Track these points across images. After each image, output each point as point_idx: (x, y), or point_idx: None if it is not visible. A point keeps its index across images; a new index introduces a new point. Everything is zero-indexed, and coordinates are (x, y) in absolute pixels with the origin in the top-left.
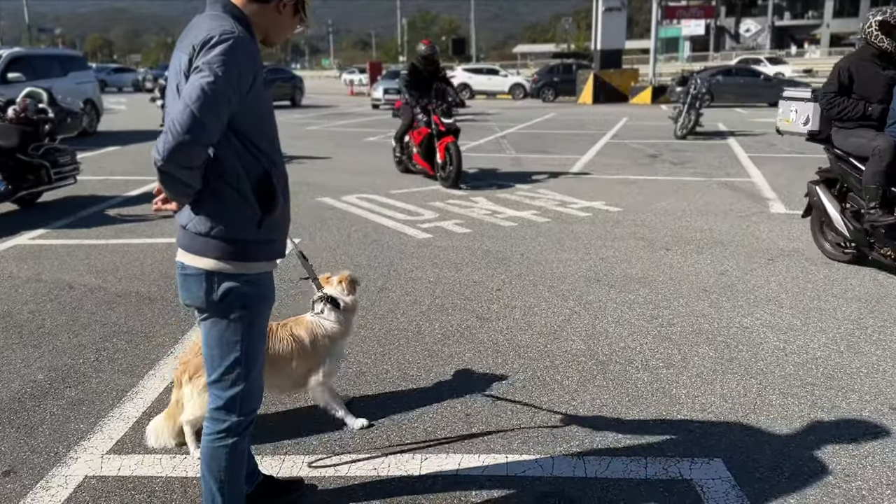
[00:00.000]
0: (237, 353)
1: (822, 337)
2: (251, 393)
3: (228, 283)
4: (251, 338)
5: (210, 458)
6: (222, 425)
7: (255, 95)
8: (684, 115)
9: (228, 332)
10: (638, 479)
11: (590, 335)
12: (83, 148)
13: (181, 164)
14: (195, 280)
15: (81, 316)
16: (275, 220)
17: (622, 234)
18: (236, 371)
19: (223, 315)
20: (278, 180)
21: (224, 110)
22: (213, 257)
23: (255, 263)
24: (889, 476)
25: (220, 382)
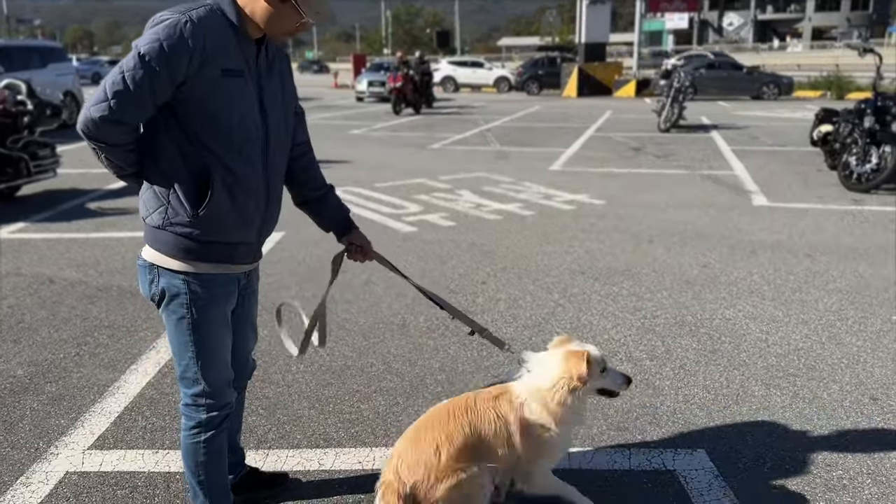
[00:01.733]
0: (190, 353)
1: (804, 328)
2: (216, 390)
3: (169, 277)
4: (202, 337)
5: (186, 454)
6: (193, 421)
7: (205, 86)
8: (668, 108)
9: (177, 331)
10: (622, 471)
11: (574, 327)
12: (63, 141)
13: (95, 137)
14: (143, 271)
15: (62, 310)
16: (214, 221)
17: (606, 227)
18: (193, 370)
19: (166, 313)
20: (223, 181)
21: (145, 95)
22: (154, 248)
23: (198, 263)
24: (869, 465)
25: (183, 380)
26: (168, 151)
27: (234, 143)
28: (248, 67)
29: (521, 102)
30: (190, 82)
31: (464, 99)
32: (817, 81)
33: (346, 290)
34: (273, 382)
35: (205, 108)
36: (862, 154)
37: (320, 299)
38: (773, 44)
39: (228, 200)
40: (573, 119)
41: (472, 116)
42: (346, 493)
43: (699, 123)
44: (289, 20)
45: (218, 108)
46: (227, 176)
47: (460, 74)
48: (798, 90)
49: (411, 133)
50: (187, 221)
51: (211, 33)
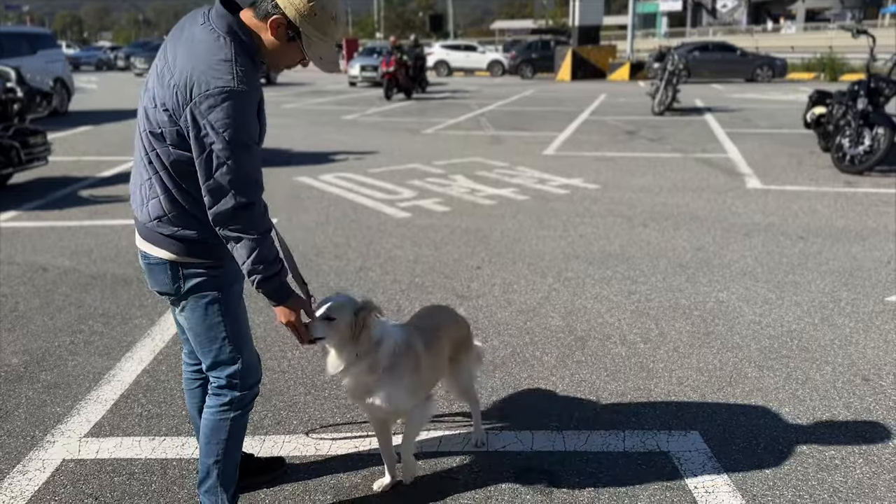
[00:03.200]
0: (223, 334)
1: (797, 310)
2: (249, 367)
3: (193, 271)
4: (232, 315)
5: (211, 431)
6: (225, 398)
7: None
8: (661, 91)
9: (208, 315)
10: (616, 453)
11: (568, 311)
12: (54, 128)
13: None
14: (160, 269)
15: (56, 298)
16: None
17: (600, 211)
18: (227, 350)
19: (196, 301)
20: None
21: (249, 160)
22: (175, 252)
23: (221, 259)
24: (861, 445)
25: (217, 365)
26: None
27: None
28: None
29: (515, 86)
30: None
31: (457, 83)
32: (811, 63)
33: (342, 275)
34: (269, 369)
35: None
36: (855, 136)
37: None
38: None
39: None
40: (567, 103)
41: (466, 101)
42: (343, 476)
43: (693, 106)
44: (291, 57)
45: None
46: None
47: (453, 58)
48: (792, 72)
49: (404, 118)
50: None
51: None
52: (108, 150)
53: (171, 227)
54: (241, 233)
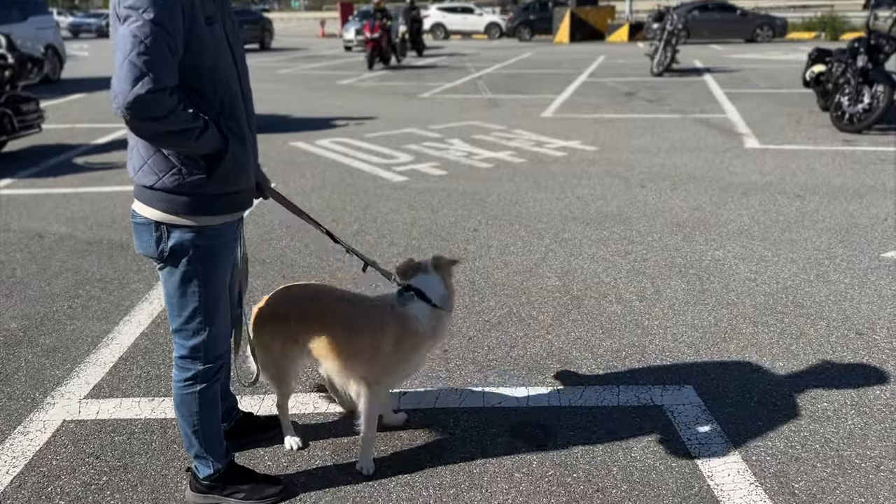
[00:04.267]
0: (195, 304)
1: (793, 267)
2: (215, 341)
3: (179, 234)
4: (209, 288)
5: (181, 405)
6: (188, 373)
7: (197, 37)
8: (660, 52)
9: (185, 282)
10: (610, 407)
11: (565, 271)
12: (47, 96)
13: (150, 116)
14: (145, 229)
15: (53, 264)
16: (229, 171)
17: (598, 173)
18: (196, 320)
19: (177, 265)
20: (229, 129)
21: (166, 51)
22: (160, 209)
23: (209, 217)
24: (853, 396)
25: (182, 332)
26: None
27: (229, 89)
28: (217, 11)
29: (513, 49)
30: (187, 36)
31: (454, 46)
32: (811, 22)
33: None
34: None
35: (202, 61)
36: (854, 94)
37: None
38: None
39: (242, 147)
40: (565, 65)
41: (463, 64)
42: (341, 435)
43: (692, 67)
44: None
45: (212, 58)
46: (232, 125)
47: (450, 21)
48: (792, 31)
49: (401, 82)
50: (204, 179)
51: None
52: (102, 117)
53: (151, 175)
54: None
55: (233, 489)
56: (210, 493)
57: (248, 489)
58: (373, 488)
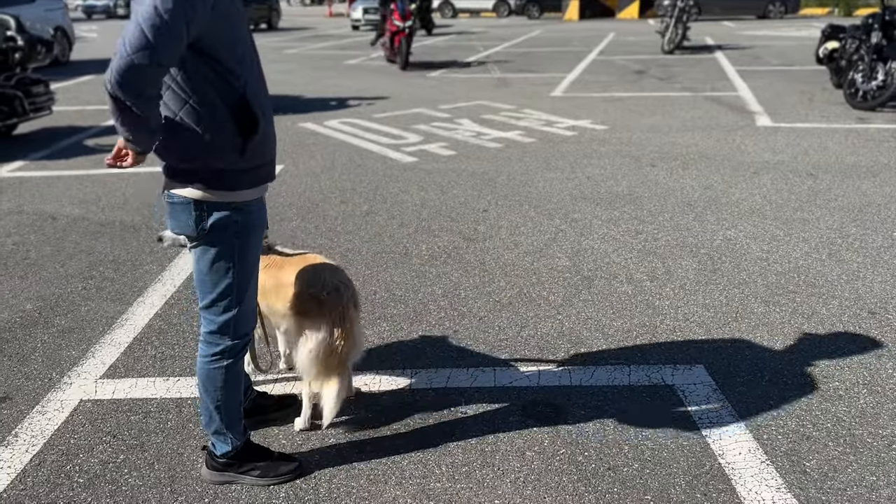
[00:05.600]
0: (229, 280)
1: (805, 246)
2: (244, 317)
3: (217, 212)
4: (243, 264)
5: (206, 380)
6: (216, 348)
7: (221, 9)
8: (671, 29)
9: (219, 259)
10: (621, 386)
11: (575, 252)
12: (57, 78)
13: (132, 88)
14: (183, 209)
15: (66, 246)
16: (258, 144)
17: (608, 152)
18: (228, 297)
19: (213, 243)
20: (257, 103)
21: (182, 30)
22: (198, 187)
23: (243, 191)
24: (865, 376)
25: (212, 308)
26: (201, 91)
27: (248, 62)
28: None
29: (522, 27)
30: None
31: (462, 24)
32: None
33: (349, 220)
34: None
35: (226, 34)
36: (868, 71)
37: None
38: None
39: (265, 120)
40: (575, 43)
41: (471, 43)
42: (354, 414)
43: (703, 44)
44: None
45: (235, 31)
46: (255, 98)
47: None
48: (805, 7)
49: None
50: (237, 155)
51: None
52: None
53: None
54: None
55: (249, 467)
56: (226, 470)
57: (264, 467)
58: (386, 466)
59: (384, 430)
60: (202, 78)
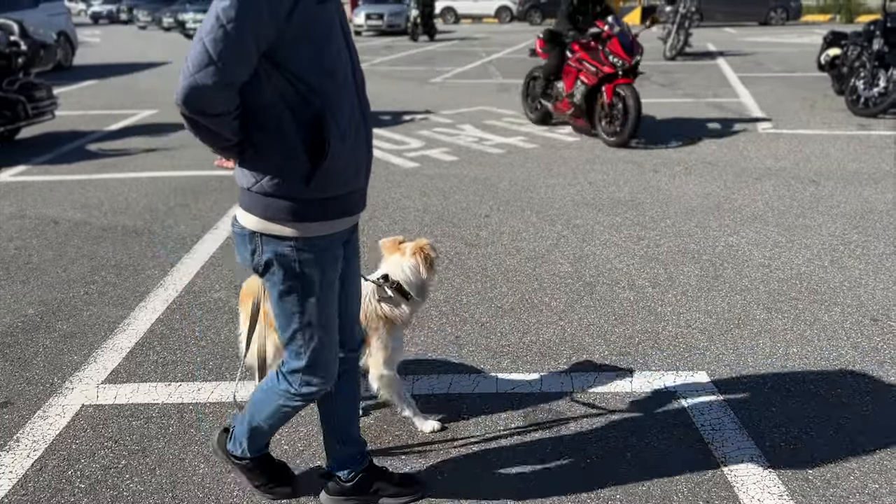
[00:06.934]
0: (296, 325)
1: (807, 253)
2: (319, 366)
3: (274, 247)
4: (310, 307)
5: (261, 403)
6: (285, 385)
7: (303, 16)
8: (673, 35)
9: (283, 301)
10: (624, 393)
11: (577, 258)
12: (59, 82)
13: (199, 109)
14: (241, 240)
15: (68, 251)
16: (329, 172)
17: (610, 158)
18: (297, 342)
19: (272, 283)
20: (336, 125)
21: (250, 44)
22: (257, 215)
23: (308, 225)
24: (867, 383)
25: (287, 349)
26: (273, 108)
27: (338, 77)
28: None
29: (524, 33)
30: (290, 17)
31: (465, 30)
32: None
33: None
34: None
35: (307, 45)
36: (870, 77)
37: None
38: None
39: (343, 146)
40: None
41: (474, 48)
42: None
43: (705, 50)
44: None
45: (320, 42)
46: (338, 118)
47: (461, 5)
48: (806, 14)
49: (412, 67)
50: (304, 182)
51: None
52: (115, 103)
53: (250, 177)
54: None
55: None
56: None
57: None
58: None
59: (385, 436)
60: (275, 91)
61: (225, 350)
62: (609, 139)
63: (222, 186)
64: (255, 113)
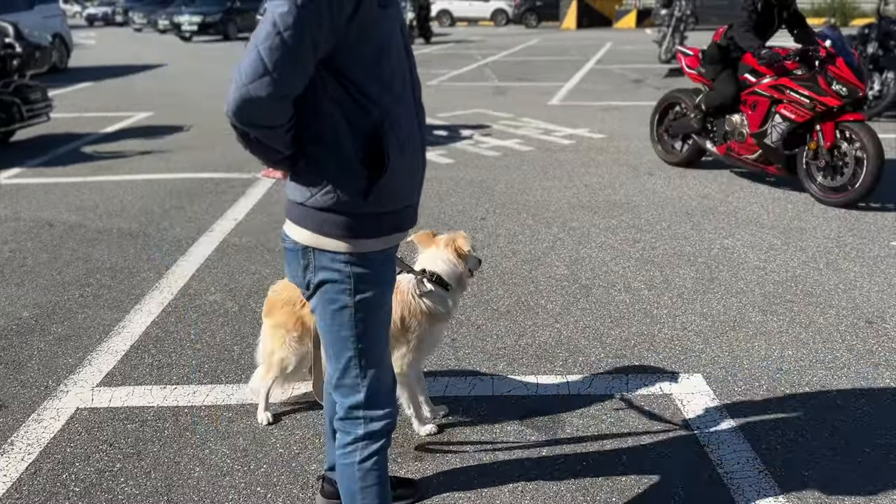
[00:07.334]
0: (350, 352)
1: (802, 255)
2: (376, 396)
3: (328, 262)
4: (364, 329)
5: (341, 477)
6: (349, 437)
7: (364, 20)
8: (668, 38)
9: (336, 324)
10: (619, 395)
11: (573, 260)
12: (54, 85)
13: (252, 122)
14: (292, 255)
15: (63, 253)
16: (387, 187)
17: (606, 161)
18: (353, 373)
19: (324, 301)
20: (395, 136)
21: (308, 53)
22: (311, 229)
23: (363, 241)
24: (862, 385)
25: (340, 388)
26: (329, 117)
27: (396, 86)
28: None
29: (519, 35)
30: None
31: (461, 33)
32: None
33: None
34: None
35: (367, 52)
36: None
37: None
38: None
39: (402, 158)
40: (572, 52)
41: (470, 51)
42: None
43: None
44: None
45: (380, 48)
46: (397, 129)
47: (456, 7)
48: None
49: None
50: (361, 196)
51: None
52: (110, 105)
53: (304, 191)
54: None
55: None
56: None
57: None
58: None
59: None
60: (331, 100)
61: (220, 353)
62: (828, 196)
63: (217, 189)
64: (310, 123)
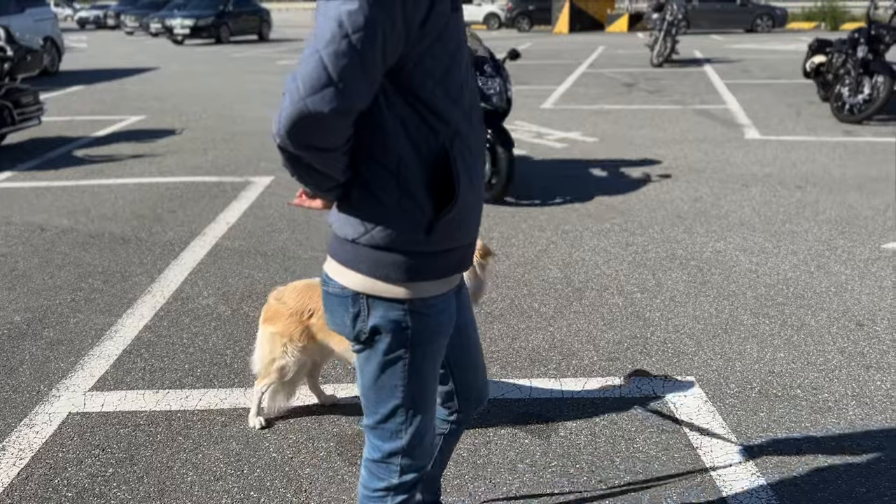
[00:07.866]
0: (397, 401)
1: (794, 258)
2: (418, 446)
3: (383, 311)
4: (417, 380)
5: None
6: (380, 483)
7: (436, 25)
8: (660, 42)
9: (386, 374)
10: (613, 398)
11: (566, 263)
12: (46, 88)
13: (309, 142)
14: (339, 302)
15: (55, 257)
16: (455, 220)
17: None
18: (396, 420)
19: (375, 353)
20: (464, 161)
21: (378, 59)
22: (364, 273)
23: (423, 284)
24: (854, 388)
25: (377, 430)
26: (393, 138)
27: (465, 101)
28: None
29: (512, 39)
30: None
31: None
32: (812, 12)
33: None
34: None
35: (437, 61)
36: (854, 84)
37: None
38: None
39: (471, 186)
40: (565, 55)
41: None
42: (345, 427)
43: (692, 58)
44: None
45: (452, 57)
46: (465, 153)
47: None
48: (792, 21)
49: None
50: (424, 231)
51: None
52: (102, 109)
53: (357, 226)
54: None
55: None
56: None
57: None
58: None
59: None
60: (396, 118)
61: (213, 357)
62: None
63: (210, 193)
64: (371, 145)
